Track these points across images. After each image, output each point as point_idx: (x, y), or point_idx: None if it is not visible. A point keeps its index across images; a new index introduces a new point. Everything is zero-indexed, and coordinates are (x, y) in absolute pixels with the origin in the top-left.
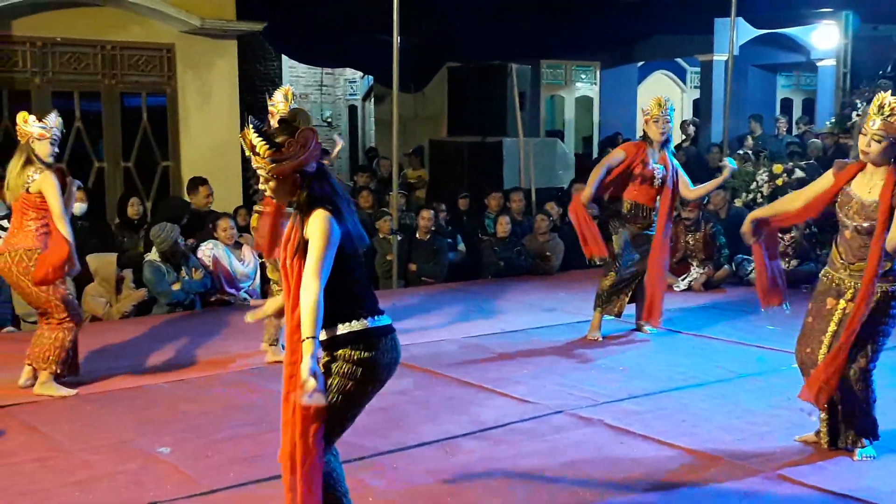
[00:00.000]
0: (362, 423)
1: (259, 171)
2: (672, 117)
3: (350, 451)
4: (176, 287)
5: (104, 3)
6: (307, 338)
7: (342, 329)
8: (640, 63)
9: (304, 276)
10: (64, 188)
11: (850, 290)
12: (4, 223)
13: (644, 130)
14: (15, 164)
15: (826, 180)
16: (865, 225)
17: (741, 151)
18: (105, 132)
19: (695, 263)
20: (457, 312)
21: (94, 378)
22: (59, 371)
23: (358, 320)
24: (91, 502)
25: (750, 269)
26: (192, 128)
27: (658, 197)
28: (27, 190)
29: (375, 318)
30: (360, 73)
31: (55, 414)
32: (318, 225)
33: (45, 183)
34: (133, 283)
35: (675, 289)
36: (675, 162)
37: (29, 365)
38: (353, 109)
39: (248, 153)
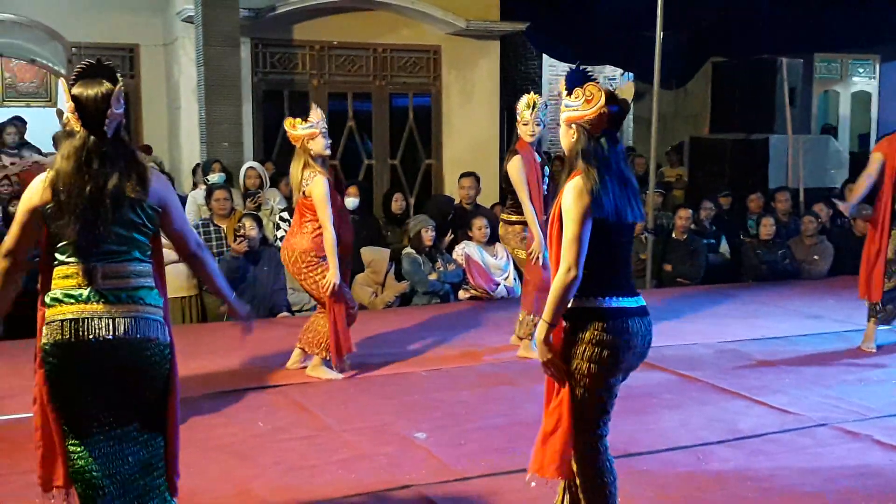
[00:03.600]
0: (612, 425)
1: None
2: None
3: None
4: (433, 277)
5: (376, 7)
6: (544, 321)
7: (583, 303)
8: None
9: (561, 257)
10: (339, 186)
11: None
12: (284, 214)
13: None
14: (295, 168)
15: None
16: None
17: None
18: (374, 131)
19: None
20: (713, 315)
21: (358, 364)
22: (328, 356)
23: (597, 297)
24: (352, 480)
25: None
26: (454, 127)
27: None
28: (303, 193)
29: (615, 298)
30: (619, 70)
31: (323, 396)
32: (570, 195)
33: (316, 189)
34: (394, 274)
35: None
36: None
37: (300, 348)
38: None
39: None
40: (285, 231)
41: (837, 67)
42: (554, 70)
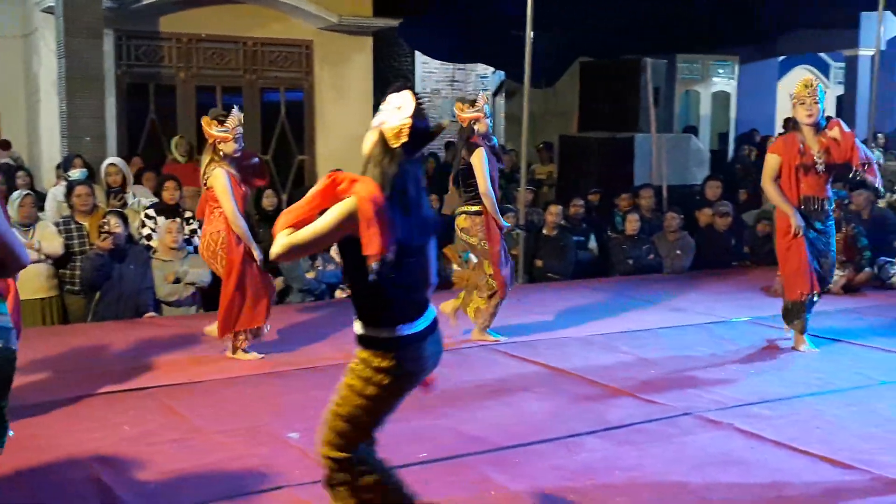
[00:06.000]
0: (486, 416)
1: None
2: (823, 98)
3: (473, 444)
4: (310, 275)
5: (246, 0)
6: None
7: (368, 332)
8: (781, 58)
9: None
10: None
11: None
12: (150, 212)
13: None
14: (203, 161)
15: None
16: None
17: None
18: (245, 126)
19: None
20: (583, 310)
21: (230, 363)
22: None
23: (386, 327)
24: (224, 483)
25: (893, 272)
26: (327, 122)
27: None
28: (204, 184)
29: (408, 325)
30: (491, 69)
31: (194, 397)
32: (348, 201)
33: (217, 181)
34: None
35: None
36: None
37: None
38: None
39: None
40: (151, 229)
41: (699, 68)
42: (427, 67)
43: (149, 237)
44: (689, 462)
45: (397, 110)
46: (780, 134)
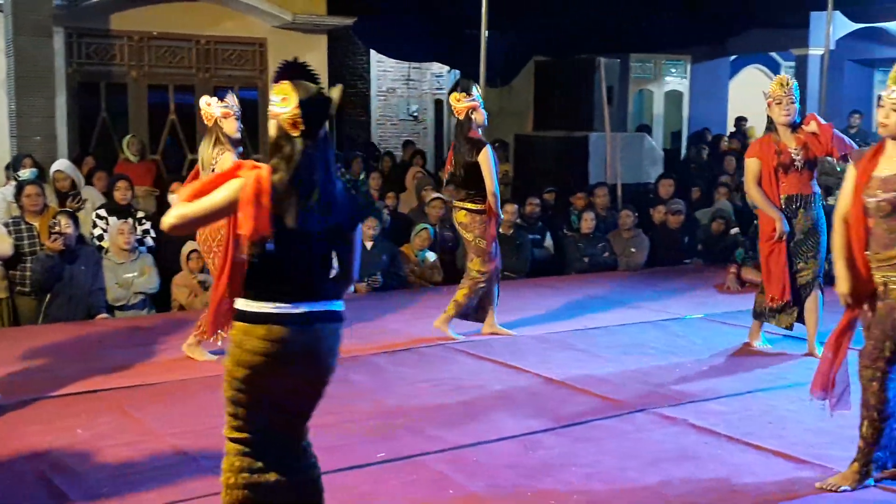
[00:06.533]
0: (443, 415)
1: None
2: (798, 96)
3: (430, 443)
4: None
5: None
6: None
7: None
8: (733, 57)
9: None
10: None
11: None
12: (101, 212)
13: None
14: (206, 146)
15: (851, 179)
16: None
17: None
18: (198, 125)
19: None
20: (539, 308)
21: (181, 364)
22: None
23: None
24: (177, 485)
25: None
26: None
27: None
28: (213, 170)
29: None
30: (446, 68)
31: (147, 399)
32: (245, 180)
33: (227, 165)
34: None
35: None
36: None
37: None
38: (439, 103)
39: None
40: (102, 230)
41: (651, 67)
42: (382, 66)
43: (100, 237)
44: (644, 458)
45: (283, 102)
46: (732, 133)
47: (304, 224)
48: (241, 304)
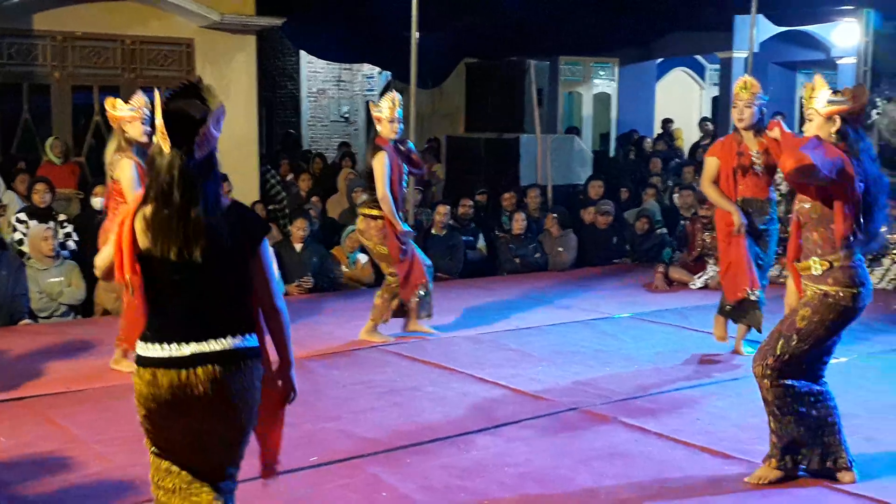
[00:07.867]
0: (376, 417)
1: None
2: (765, 100)
3: (364, 445)
4: None
5: None
6: None
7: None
8: (659, 60)
9: None
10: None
11: None
12: (21, 216)
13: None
14: (108, 150)
15: None
16: None
17: None
18: None
19: (711, 262)
20: (472, 309)
21: (105, 371)
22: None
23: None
24: (104, 495)
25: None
26: None
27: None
28: (111, 177)
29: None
30: (377, 69)
31: (73, 407)
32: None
33: (123, 173)
34: None
35: (692, 287)
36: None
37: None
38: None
39: None
40: (22, 233)
41: (581, 70)
42: (312, 66)
43: (20, 242)
44: (576, 456)
45: (155, 113)
46: (658, 135)
47: (181, 253)
48: (138, 346)
